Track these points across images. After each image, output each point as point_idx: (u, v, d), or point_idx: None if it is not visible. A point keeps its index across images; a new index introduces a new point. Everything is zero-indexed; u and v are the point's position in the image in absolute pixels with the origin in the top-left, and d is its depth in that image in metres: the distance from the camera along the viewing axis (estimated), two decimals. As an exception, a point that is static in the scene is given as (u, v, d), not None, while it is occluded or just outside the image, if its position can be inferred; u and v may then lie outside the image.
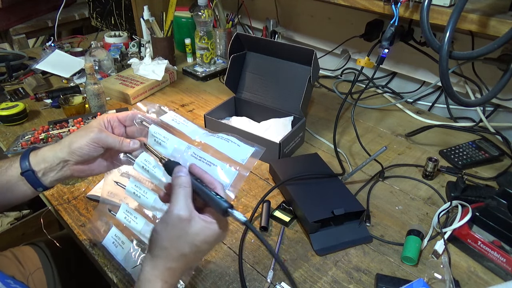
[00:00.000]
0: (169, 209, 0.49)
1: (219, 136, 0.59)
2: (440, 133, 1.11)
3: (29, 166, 0.59)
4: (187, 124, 0.62)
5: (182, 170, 0.52)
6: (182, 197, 0.50)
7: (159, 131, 0.60)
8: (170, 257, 0.50)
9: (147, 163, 0.60)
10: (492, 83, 1.04)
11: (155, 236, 0.50)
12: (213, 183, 0.53)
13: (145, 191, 0.64)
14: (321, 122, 1.17)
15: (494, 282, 0.70)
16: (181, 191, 0.50)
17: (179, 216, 0.48)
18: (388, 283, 0.67)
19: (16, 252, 0.90)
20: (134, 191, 0.64)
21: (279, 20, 1.47)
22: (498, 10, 0.77)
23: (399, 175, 0.95)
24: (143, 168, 0.60)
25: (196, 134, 0.60)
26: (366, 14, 1.15)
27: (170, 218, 0.49)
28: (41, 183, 0.60)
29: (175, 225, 0.49)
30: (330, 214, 0.76)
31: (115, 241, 0.72)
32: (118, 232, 0.72)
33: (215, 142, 0.58)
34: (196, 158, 0.57)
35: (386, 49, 0.89)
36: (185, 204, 0.49)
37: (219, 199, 0.50)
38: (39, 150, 0.61)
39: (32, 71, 1.40)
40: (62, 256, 0.95)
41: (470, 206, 0.76)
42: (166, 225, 0.49)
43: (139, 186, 0.64)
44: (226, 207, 0.49)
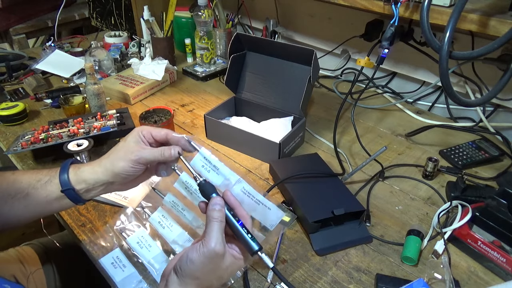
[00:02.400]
0: (205, 242, 0.50)
1: (249, 194, 0.58)
2: (440, 133, 1.11)
3: (70, 184, 0.59)
4: (218, 169, 0.59)
5: (217, 202, 0.53)
6: (218, 231, 0.51)
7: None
8: (199, 287, 0.52)
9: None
10: (492, 83, 1.04)
11: (190, 265, 0.51)
12: (245, 218, 0.55)
13: (170, 223, 0.68)
14: (321, 122, 1.17)
15: (494, 282, 0.70)
16: (216, 226, 0.51)
17: (215, 251, 0.50)
18: (388, 283, 0.67)
19: (17, 252, 0.90)
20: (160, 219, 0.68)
21: (279, 20, 1.47)
22: (498, 10, 0.77)
23: (399, 175, 0.95)
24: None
25: (226, 186, 0.59)
26: (366, 14, 1.15)
27: (208, 252, 0.50)
28: (82, 199, 0.61)
29: (211, 259, 0.50)
30: (330, 214, 0.76)
31: (114, 262, 0.70)
32: (121, 254, 0.71)
33: (244, 202, 0.58)
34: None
35: (386, 49, 0.89)
36: (221, 239, 0.51)
37: (250, 239, 0.52)
38: (78, 168, 0.61)
39: (32, 71, 1.40)
40: (62, 256, 0.95)
41: (470, 206, 0.76)
42: (203, 257, 0.50)
43: (166, 217, 0.68)
44: (256, 250, 0.52)
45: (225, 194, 0.56)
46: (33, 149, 0.94)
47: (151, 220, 0.70)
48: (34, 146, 0.95)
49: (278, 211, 0.58)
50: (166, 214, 0.69)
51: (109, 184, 0.60)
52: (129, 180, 0.60)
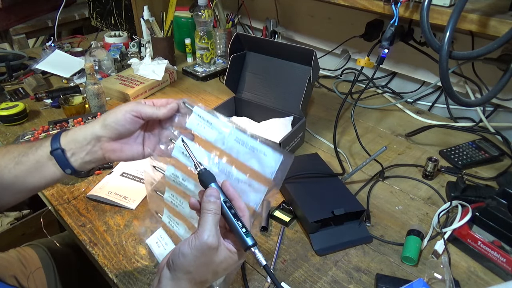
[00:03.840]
0: (198, 235, 0.48)
1: (243, 142, 0.56)
2: (440, 133, 1.11)
3: (59, 145, 0.56)
4: (212, 124, 0.57)
5: (213, 193, 0.51)
6: (212, 224, 0.49)
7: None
8: (192, 282, 0.50)
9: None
10: (492, 83, 1.04)
11: (181, 259, 0.49)
12: (242, 210, 0.52)
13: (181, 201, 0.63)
14: (321, 122, 1.17)
15: (494, 282, 0.70)
16: (211, 218, 0.49)
17: (208, 244, 0.48)
18: (388, 283, 0.67)
19: (18, 252, 0.91)
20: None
21: (279, 20, 1.47)
22: (498, 10, 0.77)
23: (399, 175, 0.95)
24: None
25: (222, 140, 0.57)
26: (366, 14, 1.15)
27: (200, 245, 0.48)
28: (70, 164, 0.57)
29: (204, 252, 0.48)
30: (330, 214, 0.76)
31: (158, 241, 0.72)
32: (164, 233, 0.72)
33: (240, 152, 0.56)
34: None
35: (386, 49, 0.89)
36: (215, 232, 0.49)
37: (244, 235, 0.50)
38: (70, 130, 0.59)
39: (32, 71, 1.40)
40: (62, 256, 0.95)
41: (470, 206, 0.76)
42: (195, 250, 0.48)
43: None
44: (249, 246, 0.50)
45: (224, 184, 0.53)
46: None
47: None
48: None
49: (274, 154, 0.53)
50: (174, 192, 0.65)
51: (97, 141, 0.56)
52: (119, 134, 0.57)
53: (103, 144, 0.57)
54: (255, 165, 0.54)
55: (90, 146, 0.57)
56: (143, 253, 0.74)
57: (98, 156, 0.58)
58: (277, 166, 0.53)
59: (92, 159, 0.58)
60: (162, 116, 0.58)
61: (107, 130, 0.56)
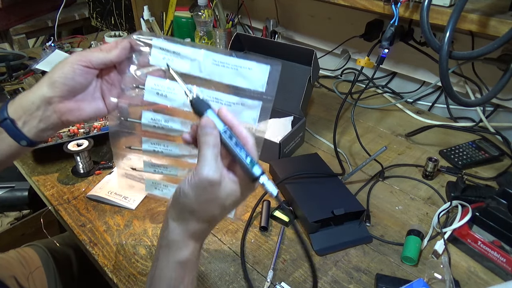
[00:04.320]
0: (197, 171, 0.43)
1: (223, 63, 0.50)
2: (440, 133, 1.11)
3: (6, 114, 0.50)
4: (180, 54, 0.51)
5: (209, 124, 0.45)
6: (211, 157, 0.44)
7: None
8: (200, 220, 0.47)
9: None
10: (492, 83, 1.04)
11: (183, 198, 0.45)
12: (244, 137, 0.46)
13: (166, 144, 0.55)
14: (321, 122, 1.17)
15: (494, 282, 0.70)
16: (210, 152, 0.44)
17: (209, 179, 0.43)
18: (388, 283, 0.67)
19: (18, 253, 0.91)
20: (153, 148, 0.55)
21: (279, 20, 1.47)
22: (498, 10, 0.77)
23: (399, 175, 0.95)
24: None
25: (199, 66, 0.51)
26: (366, 14, 1.15)
27: (200, 181, 0.43)
28: (23, 135, 0.51)
29: (206, 188, 0.44)
30: (330, 214, 0.76)
31: (157, 187, 0.63)
32: (154, 180, 0.62)
33: (222, 74, 0.51)
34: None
35: (386, 49, 0.89)
36: (215, 166, 0.44)
37: (250, 164, 0.44)
38: (16, 98, 0.51)
39: (32, 71, 1.40)
40: (62, 256, 0.95)
41: (470, 206, 0.76)
42: (196, 188, 0.44)
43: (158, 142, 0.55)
44: (257, 176, 0.44)
45: (220, 111, 0.47)
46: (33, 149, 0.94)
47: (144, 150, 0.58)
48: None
49: (260, 66, 0.49)
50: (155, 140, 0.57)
51: (47, 104, 0.49)
52: (71, 90, 0.50)
53: (56, 106, 0.50)
54: (242, 83, 0.50)
55: (41, 112, 0.50)
56: (143, 253, 0.74)
57: (54, 121, 0.51)
58: (266, 77, 0.50)
59: (48, 126, 0.51)
60: (116, 58, 0.51)
61: (55, 89, 0.49)
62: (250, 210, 0.84)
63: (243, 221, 0.81)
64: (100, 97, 0.53)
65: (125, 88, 0.53)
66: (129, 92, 0.53)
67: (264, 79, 0.50)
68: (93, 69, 0.50)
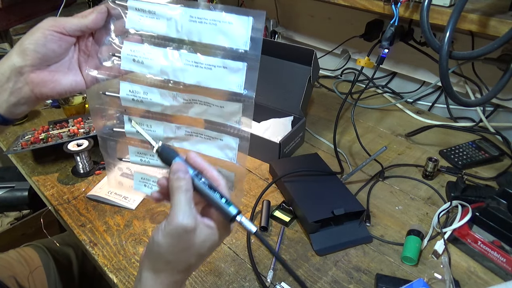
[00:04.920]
0: (171, 218, 0.42)
1: (202, 19, 0.45)
2: (440, 133, 1.11)
3: None
4: (155, 12, 0.46)
5: (179, 168, 0.44)
6: (185, 203, 0.42)
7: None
8: (175, 270, 0.44)
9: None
10: (492, 83, 1.04)
11: (157, 248, 0.43)
12: (216, 180, 0.45)
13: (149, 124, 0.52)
14: (321, 122, 1.17)
15: (494, 282, 0.70)
16: (182, 197, 0.42)
17: (183, 227, 0.41)
18: (388, 283, 0.67)
19: (18, 253, 0.91)
20: None
21: (279, 20, 1.47)
22: (498, 10, 0.77)
23: (399, 175, 0.95)
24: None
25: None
26: (366, 14, 1.15)
27: (175, 230, 0.42)
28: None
29: (180, 236, 0.42)
30: (330, 214, 0.76)
31: (146, 184, 0.59)
32: (143, 175, 0.59)
33: (201, 32, 0.45)
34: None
35: (386, 49, 0.89)
36: (189, 211, 0.42)
37: (225, 205, 0.44)
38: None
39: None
40: (62, 255, 0.95)
41: (470, 206, 0.76)
42: (170, 237, 0.42)
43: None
44: (233, 215, 0.44)
45: (189, 156, 0.46)
46: (33, 149, 0.94)
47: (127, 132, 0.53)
48: (34, 146, 0.95)
49: (241, 19, 0.44)
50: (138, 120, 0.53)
51: (18, 74, 0.45)
52: (44, 58, 0.45)
53: (28, 76, 0.45)
54: (223, 42, 0.45)
55: (11, 84, 0.45)
56: (143, 253, 0.74)
57: (26, 94, 0.46)
58: (248, 31, 0.44)
59: (20, 100, 0.46)
60: (92, 24, 0.46)
61: (26, 57, 0.44)
62: (250, 210, 0.84)
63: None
64: (77, 69, 0.49)
65: (102, 58, 0.49)
66: (106, 62, 0.49)
67: (246, 34, 0.44)
68: (67, 36, 0.46)
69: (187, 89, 0.48)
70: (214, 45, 0.45)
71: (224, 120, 0.50)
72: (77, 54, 0.49)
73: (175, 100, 0.50)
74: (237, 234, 0.79)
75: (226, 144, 0.51)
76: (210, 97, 0.49)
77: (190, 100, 0.49)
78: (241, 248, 0.76)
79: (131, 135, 0.53)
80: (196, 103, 0.49)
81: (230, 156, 0.52)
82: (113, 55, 0.49)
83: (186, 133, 0.53)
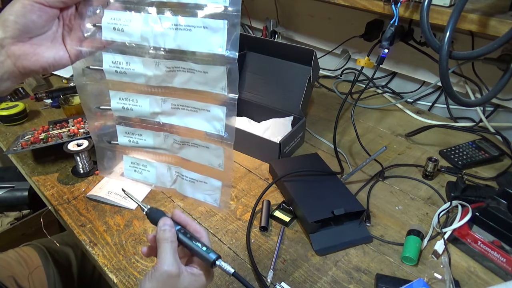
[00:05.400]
0: (157, 266, 0.48)
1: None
2: (440, 133, 1.11)
3: None
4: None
5: (166, 223, 0.51)
6: (169, 252, 0.49)
7: None
8: None
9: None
10: (492, 83, 1.04)
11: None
12: (198, 232, 0.53)
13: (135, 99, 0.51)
14: (321, 122, 1.17)
15: (494, 282, 0.70)
16: (168, 246, 0.49)
17: (168, 273, 0.47)
18: (388, 283, 0.67)
19: (17, 253, 0.91)
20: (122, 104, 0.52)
21: (279, 20, 1.47)
22: (498, 10, 0.77)
23: (399, 175, 0.95)
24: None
25: None
26: (366, 14, 1.15)
27: (160, 275, 0.47)
28: None
29: (165, 282, 0.48)
30: (330, 214, 0.76)
31: (136, 168, 0.60)
32: (133, 159, 0.59)
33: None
34: (171, 28, 0.45)
35: (386, 49, 0.89)
36: (174, 259, 0.48)
37: (205, 252, 0.51)
38: None
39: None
40: (62, 255, 0.95)
41: (470, 206, 0.76)
42: (156, 281, 0.48)
43: None
44: (213, 260, 0.50)
45: (174, 214, 0.54)
46: (33, 149, 0.94)
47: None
48: (34, 146, 0.95)
49: None
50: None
51: (0, 47, 0.44)
52: (25, 30, 0.44)
53: (9, 48, 0.44)
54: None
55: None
56: (143, 253, 0.74)
57: (8, 67, 0.45)
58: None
59: (3, 75, 0.45)
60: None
61: (6, 28, 0.43)
62: (250, 210, 0.84)
63: (244, 221, 0.81)
64: (61, 42, 0.48)
65: (85, 30, 0.48)
66: (88, 34, 0.48)
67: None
68: (48, 8, 0.44)
69: (168, 55, 0.47)
70: (192, 3, 0.44)
71: (209, 88, 0.49)
72: (61, 28, 0.48)
73: (158, 69, 0.49)
74: (237, 234, 0.79)
75: (214, 116, 0.50)
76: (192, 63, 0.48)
77: (173, 67, 0.48)
78: (241, 248, 0.76)
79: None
80: (179, 71, 0.48)
81: (218, 128, 0.51)
82: (94, 25, 0.48)
83: (173, 106, 0.52)
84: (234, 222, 0.81)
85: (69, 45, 0.48)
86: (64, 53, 0.48)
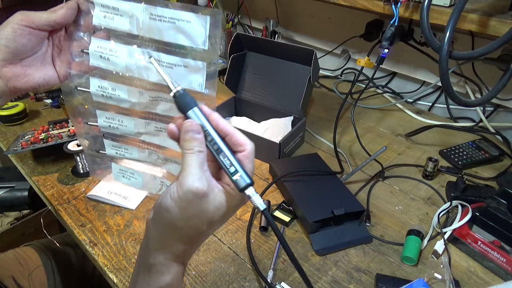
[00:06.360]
0: (181, 181, 0.38)
1: (161, 17, 0.45)
2: (440, 133, 1.11)
3: None
4: (119, 9, 0.47)
5: (191, 128, 0.40)
6: (196, 165, 0.39)
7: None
8: (185, 238, 0.41)
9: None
10: (492, 83, 1.04)
11: (165, 214, 0.40)
12: (241, 144, 0.43)
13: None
14: (321, 122, 1.17)
15: (494, 282, 0.70)
16: (192, 158, 0.39)
17: (195, 191, 0.38)
18: (388, 283, 0.67)
19: (16, 253, 0.91)
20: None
21: (279, 20, 1.47)
22: (498, 10, 0.77)
23: (399, 175, 0.95)
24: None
25: None
26: (366, 14, 1.15)
27: (184, 194, 0.38)
28: None
29: (191, 201, 0.39)
30: (330, 214, 0.76)
31: (124, 175, 0.60)
32: (121, 166, 0.60)
33: (161, 29, 0.46)
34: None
35: (386, 49, 0.89)
36: (201, 174, 0.39)
37: (231, 174, 0.41)
38: None
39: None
40: (62, 255, 0.95)
41: (470, 206, 0.76)
42: (180, 201, 0.39)
43: None
44: (242, 187, 0.40)
45: (211, 119, 0.42)
46: (33, 149, 0.94)
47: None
48: (34, 146, 0.95)
49: (199, 18, 0.43)
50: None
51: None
52: (16, 52, 0.45)
53: (1, 71, 0.46)
54: (183, 40, 0.45)
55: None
56: (143, 253, 0.74)
57: (0, 88, 0.47)
58: (206, 30, 0.43)
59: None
60: (61, 19, 0.46)
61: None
62: (250, 210, 0.84)
63: (244, 221, 0.81)
64: (51, 63, 0.50)
65: (73, 53, 0.49)
66: (77, 58, 0.50)
67: (204, 33, 0.44)
68: (37, 31, 0.46)
69: (152, 87, 0.49)
70: (174, 43, 0.45)
71: None
72: (51, 48, 0.49)
73: (142, 98, 0.50)
74: (237, 234, 0.79)
75: None
76: None
77: (156, 97, 0.50)
78: (241, 248, 0.76)
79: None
80: (162, 100, 0.50)
81: None
82: (82, 51, 0.49)
83: (156, 128, 0.53)
84: (234, 222, 0.81)
85: (58, 66, 0.50)
86: (53, 73, 0.50)
